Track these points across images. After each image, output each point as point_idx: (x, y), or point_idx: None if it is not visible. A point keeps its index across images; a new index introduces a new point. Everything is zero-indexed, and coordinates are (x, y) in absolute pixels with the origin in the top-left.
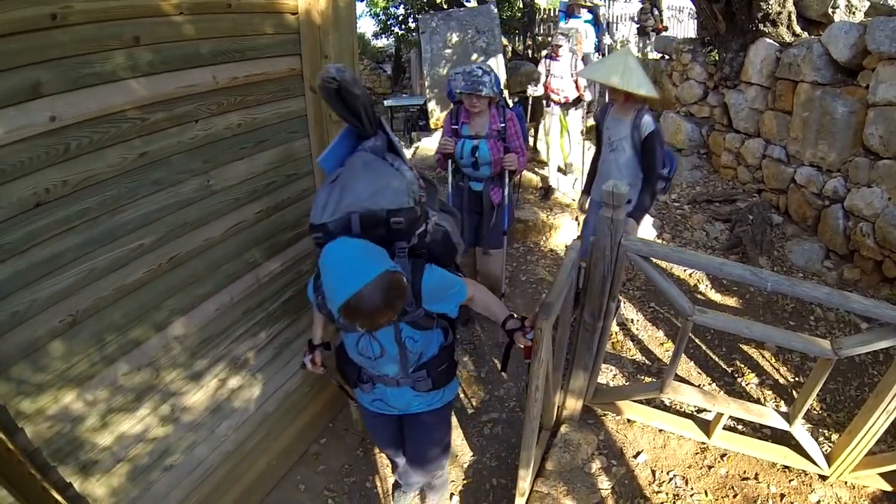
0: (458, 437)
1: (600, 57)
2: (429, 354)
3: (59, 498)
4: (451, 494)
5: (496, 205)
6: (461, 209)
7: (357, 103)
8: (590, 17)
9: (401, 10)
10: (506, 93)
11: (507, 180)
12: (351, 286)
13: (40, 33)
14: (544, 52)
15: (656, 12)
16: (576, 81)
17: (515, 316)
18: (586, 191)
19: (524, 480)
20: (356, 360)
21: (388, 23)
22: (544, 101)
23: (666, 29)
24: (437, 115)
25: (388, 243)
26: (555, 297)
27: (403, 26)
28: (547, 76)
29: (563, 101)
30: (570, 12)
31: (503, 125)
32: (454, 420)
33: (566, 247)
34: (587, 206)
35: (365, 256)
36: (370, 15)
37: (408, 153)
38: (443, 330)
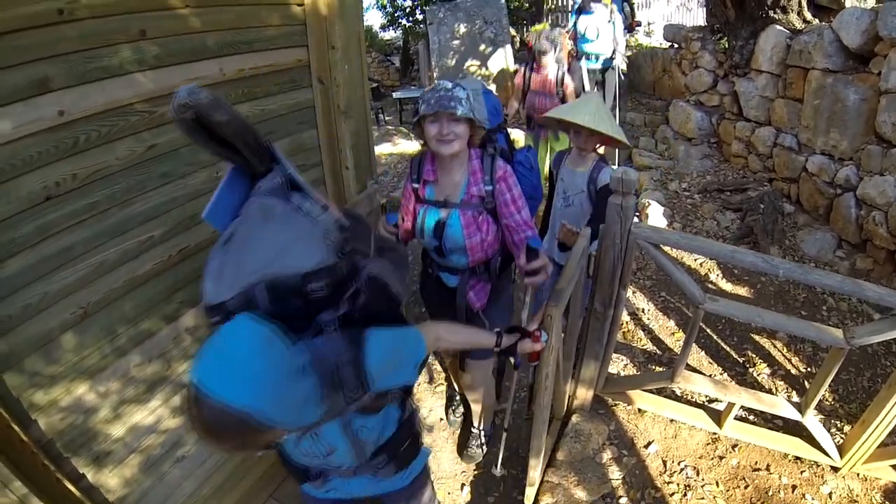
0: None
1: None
2: (387, 434)
3: (72, 489)
4: (462, 485)
5: (477, 311)
6: (430, 307)
7: (227, 132)
8: (607, 10)
9: (408, 2)
10: (518, 138)
11: (498, 272)
12: (213, 389)
13: (48, 28)
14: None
15: (627, 7)
16: (562, 98)
17: (503, 331)
18: None
19: (535, 470)
20: (301, 462)
21: (396, 15)
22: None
23: (639, 24)
24: None
25: (311, 316)
26: (565, 284)
27: (411, 18)
28: (526, 93)
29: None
30: (581, 8)
31: (490, 187)
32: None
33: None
34: None
35: (255, 375)
36: (377, 7)
37: (416, 145)
38: (398, 401)
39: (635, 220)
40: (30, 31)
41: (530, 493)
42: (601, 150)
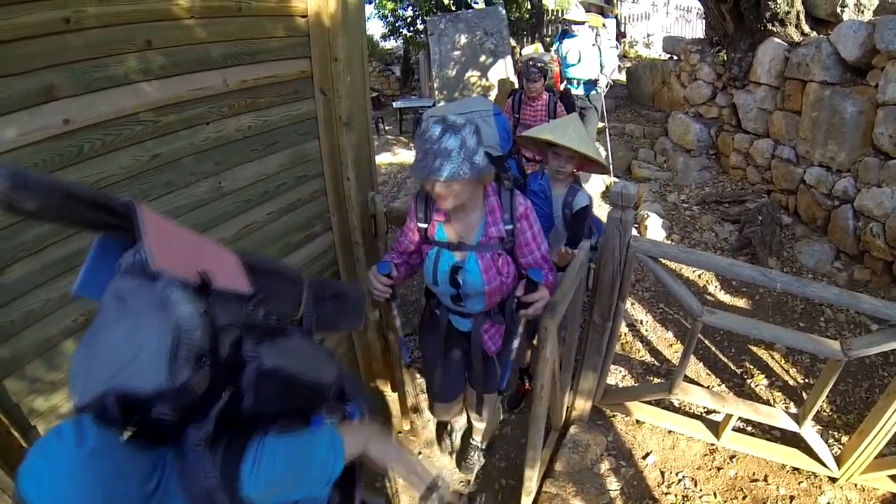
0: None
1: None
2: None
3: None
4: (461, 495)
5: (492, 355)
6: (434, 354)
7: (48, 216)
8: (592, 33)
9: (409, 12)
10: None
11: (514, 312)
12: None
13: (54, 37)
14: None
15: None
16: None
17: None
18: None
19: (531, 480)
20: None
21: (397, 24)
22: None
23: (623, 36)
24: None
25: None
26: (561, 297)
27: (412, 28)
28: (516, 126)
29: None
30: (565, 30)
31: (511, 226)
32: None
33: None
34: None
35: (69, 492)
36: (378, 17)
37: None
38: None
39: (634, 232)
40: (36, 40)
41: (526, 502)
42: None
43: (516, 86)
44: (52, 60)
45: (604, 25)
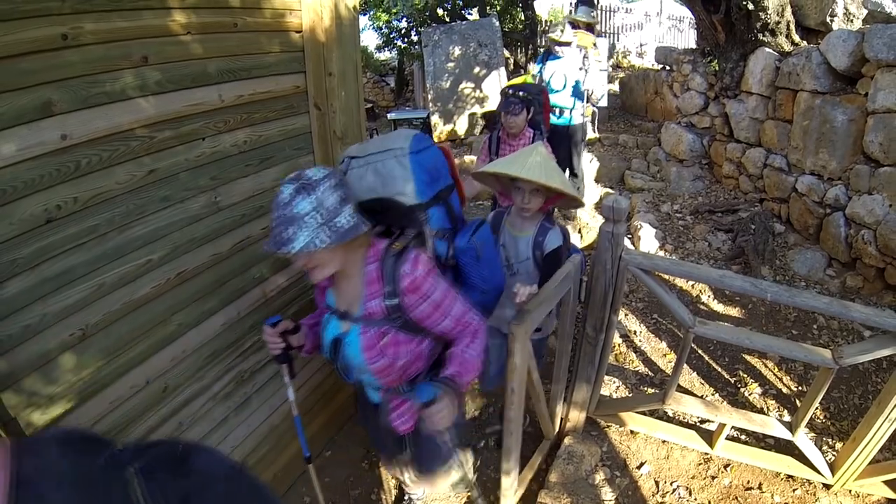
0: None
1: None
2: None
3: None
4: None
5: (404, 434)
6: (362, 422)
7: None
8: (580, 55)
9: (403, 24)
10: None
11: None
12: None
13: (51, 53)
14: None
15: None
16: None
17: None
18: None
19: (507, 489)
20: None
21: (391, 36)
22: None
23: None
24: (441, 128)
25: None
26: (535, 306)
27: (406, 39)
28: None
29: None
30: (548, 51)
31: (395, 300)
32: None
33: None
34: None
35: None
36: (373, 28)
37: None
38: None
39: (627, 244)
40: (34, 56)
41: (505, 499)
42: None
43: (481, 148)
44: (49, 76)
45: (594, 45)
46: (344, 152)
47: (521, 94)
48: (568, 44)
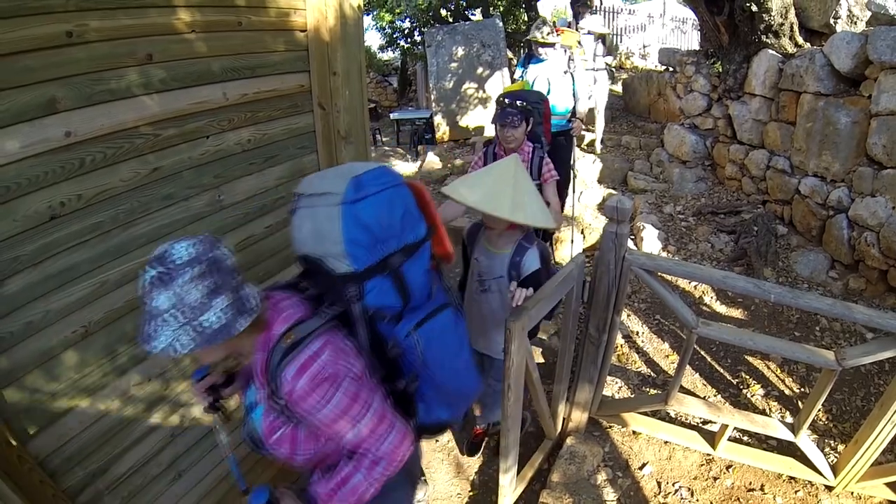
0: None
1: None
2: None
3: None
4: None
5: None
6: None
7: None
8: (564, 56)
9: (406, 24)
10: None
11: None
12: None
13: (56, 50)
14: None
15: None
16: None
17: None
18: None
19: (505, 488)
20: None
21: (394, 36)
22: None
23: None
24: (444, 128)
25: None
26: (534, 304)
27: (409, 40)
28: None
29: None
30: (530, 54)
31: (282, 401)
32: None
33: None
34: None
35: None
36: (376, 28)
37: (414, 166)
38: None
39: (630, 245)
40: (38, 53)
41: (503, 497)
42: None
43: (472, 166)
44: (54, 74)
45: (579, 44)
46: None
47: (518, 103)
48: (552, 45)
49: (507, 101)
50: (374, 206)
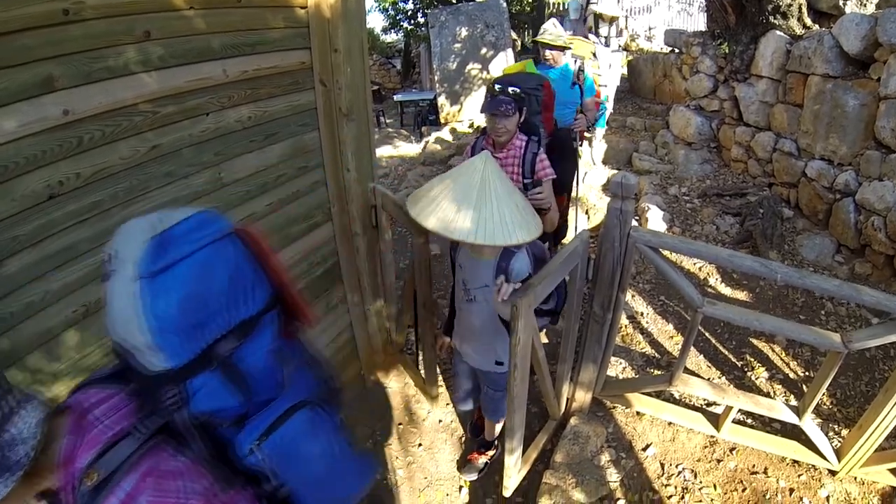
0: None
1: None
2: None
3: None
4: (460, 487)
5: None
6: None
7: None
8: (574, 65)
9: (410, 5)
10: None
11: None
12: None
13: (53, 28)
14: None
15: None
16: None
17: None
18: (446, 331)
19: (510, 468)
20: None
21: (398, 18)
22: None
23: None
24: (448, 109)
25: None
26: (539, 280)
27: (412, 21)
28: None
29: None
30: (535, 60)
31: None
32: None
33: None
34: (450, 344)
35: None
36: (379, 10)
37: (418, 147)
38: None
39: (634, 223)
40: (35, 31)
41: (508, 478)
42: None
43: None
44: (51, 52)
45: (593, 55)
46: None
47: (511, 90)
48: (563, 49)
49: (498, 87)
50: (183, 278)
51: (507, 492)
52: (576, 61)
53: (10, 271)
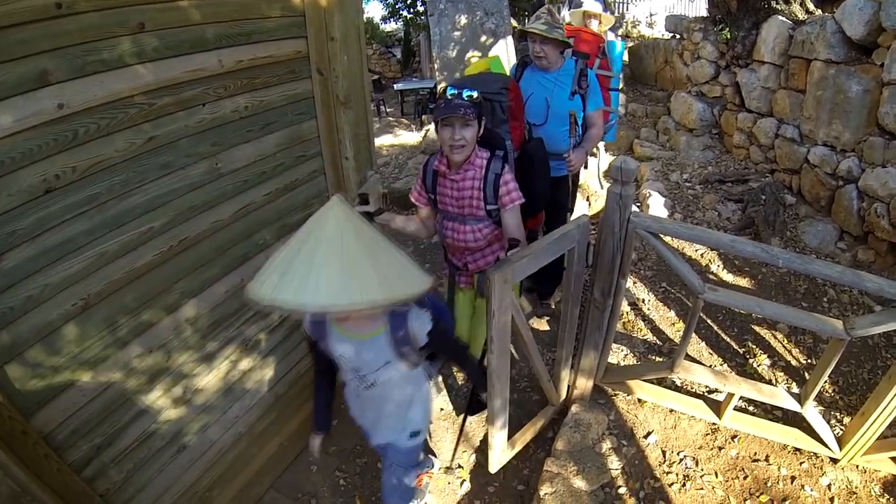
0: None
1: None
2: None
3: (73, 479)
4: (462, 482)
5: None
6: None
7: None
8: (573, 71)
9: None
10: None
11: None
12: None
13: (47, 22)
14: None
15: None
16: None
17: None
18: (320, 425)
19: (495, 450)
20: None
21: (397, 6)
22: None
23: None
24: None
25: None
26: (519, 258)
27: (412, 9)
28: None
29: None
30: (524, 61)
31: None
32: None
33: None
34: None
35: None
36: None
37: (418, 135)
38: None
39: (635, 208)
40: (29, 25)
41: (494, 456)
42: None
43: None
44: (45, 46)
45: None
46: None
47: (467, 94)
48: (563, 45)
49: (451, 91)
50: None
51: (493, 468)
52: (576, 62)
53: (10, 266)
